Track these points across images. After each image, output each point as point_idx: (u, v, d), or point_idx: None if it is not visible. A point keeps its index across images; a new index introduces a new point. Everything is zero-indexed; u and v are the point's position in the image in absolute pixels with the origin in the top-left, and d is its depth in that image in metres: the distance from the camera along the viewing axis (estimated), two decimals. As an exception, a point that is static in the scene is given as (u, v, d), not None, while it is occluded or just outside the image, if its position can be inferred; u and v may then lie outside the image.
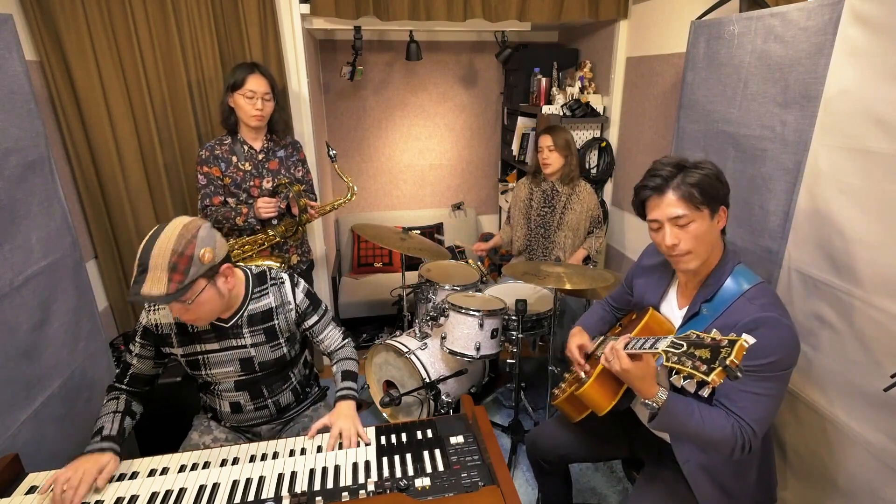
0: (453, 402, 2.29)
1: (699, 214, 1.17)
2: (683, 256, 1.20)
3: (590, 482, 2.11)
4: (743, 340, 0.92)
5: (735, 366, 0.89)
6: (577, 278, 2.01)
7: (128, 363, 1.39)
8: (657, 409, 1.14)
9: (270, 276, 1.41)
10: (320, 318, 1.49)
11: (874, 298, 1.25)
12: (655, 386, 1.15)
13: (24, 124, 1.49)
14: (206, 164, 2.02)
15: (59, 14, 2.00)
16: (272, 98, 2.01)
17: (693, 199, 1.15)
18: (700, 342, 0.98)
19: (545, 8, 2.53)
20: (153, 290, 1.10)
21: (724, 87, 1.73)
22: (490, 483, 1.11)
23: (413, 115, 3.63)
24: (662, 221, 1.19)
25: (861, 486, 1.34)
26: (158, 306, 1.35)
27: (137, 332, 1.37)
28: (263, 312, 1.38)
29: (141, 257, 1.12)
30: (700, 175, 1.16)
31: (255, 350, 1.38)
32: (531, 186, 2.64)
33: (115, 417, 1.30)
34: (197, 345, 1.36)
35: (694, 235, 1.17)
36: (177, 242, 1.13)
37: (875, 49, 1.22)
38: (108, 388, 1.39)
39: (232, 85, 1.95)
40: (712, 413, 1.15)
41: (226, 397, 1.44)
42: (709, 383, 0.90)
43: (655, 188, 1.19)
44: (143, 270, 1.11)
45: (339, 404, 1.37)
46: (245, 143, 2.06)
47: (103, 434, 1.24)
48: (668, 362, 0.99)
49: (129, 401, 1.36)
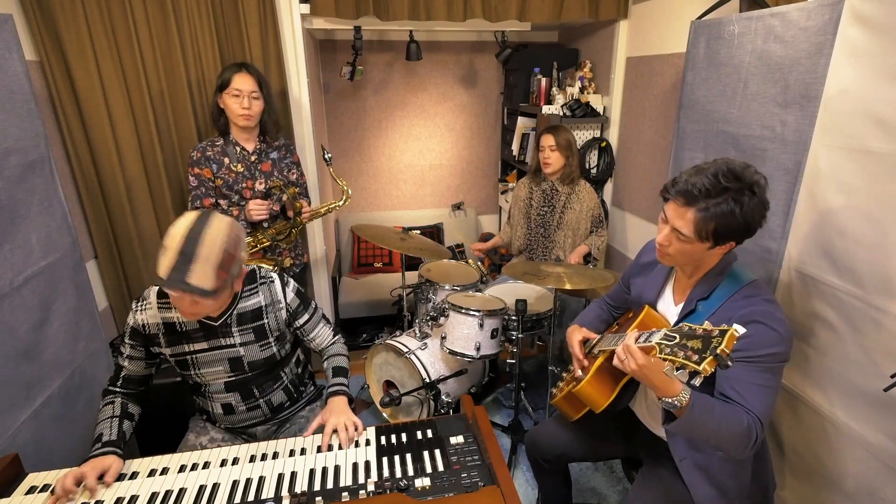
0: (453, 402, 2.29)
1: (699, 243, 1.16)
2: (664, 256, 1.25)
3: (590, 482, 2.11)
4: (734, 330, 0.93)
5: (725, 354, 0.90)
6: (577, 278, 2.01)
7: (119, 365, 1.38)
8: (679, 409, 1.08)
9: (260, 275, 1.41)
10: (311, 316, 1.49)
11: (874, 298, 1.25)
12: (678, 383, 1.08)
13: (24, 124, 1.49)
14: (198, 165, 2.00)
15: (59, 14, 2.00)
16: (260, 96, 1.99)
17: (703, 231, 1.12)
18: (692, 333, 0.99)
19: (545, 8, 2.53)
20: (201, 283, 1.11)
21: (724, 87, 1.73)
22: (490, 483, 1.11)
23: (413, 115, 3.63)
24: (669, 220, 1.20)
25: (861, 486, 1.34)
26: (146, 306, 1.33)
27: (126, 333, 1.36)
28: (253, 311, 1.37)
29: (185, 245, 1.10)
30: (731, 213, 1.08)
31: (244, 349, 1.37)
32: (531, 186, 2.64)
33: (113, 423, 1.29)
34: (185, 344, 1.35)
35: (683, 251, 1.20)
36: (228, 241, 1.15)
37: (875, 49, 1.22)
38: (102, 392, 1.39)
39: (220, 85, 1.94)
40: (727, 408, 1.12)
41: (217, 399, 1.43)
42: (700, 373, 0.91)
43: (684, 196, 1.13)
44: (189, 260, 1.10)
45: (331, 401, 1.37)
46: (237, 145, 2.05)
47: (103, 440, 1.24)
48: (661, 354, 0.99)
49: (125, 403, 1.36)
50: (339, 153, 3.63)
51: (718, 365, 0.90)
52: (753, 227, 1.13)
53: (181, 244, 1.11)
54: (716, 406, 1.13)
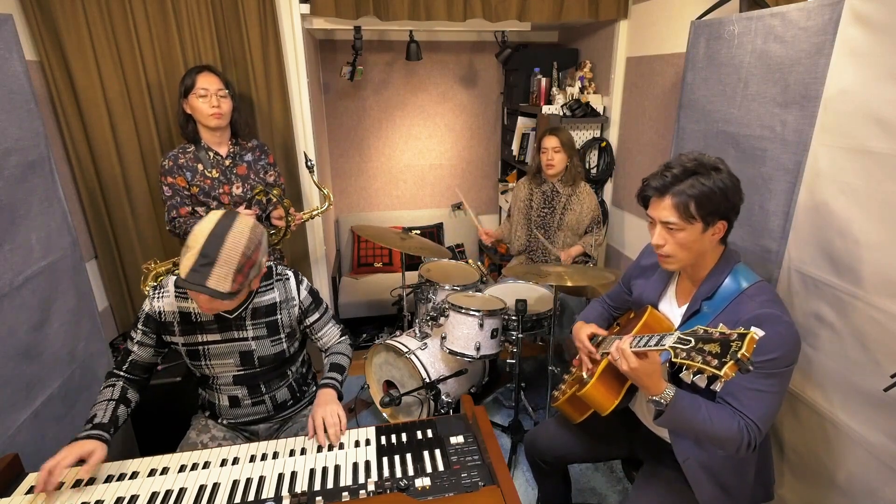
0: (453, 402, 2.29)
1: (689, 225, 1.17)
2: (666, 258, 1.25)
3: (590, 482, 2.11)
4: (753, 333, 0.92)
5: (746, 359, 0.89)
6: (577, 276, 2.01)
7: (128, 350, 1.40)
8: (664, 406, 1.14)
9: (276, 272, 1.43)
10: (321, 315, 1.52)
11: (874, 298, 1.25)
12: (663, 382, 1.15)
13: (24, 124, 1.48)
14: (170, 174, 1.93)
15: (59, 14, 1.99)
16: (227, 95, 1.95)
17: (686, 211, 1.16)
18: (708, 337, 0.97)
19: (545, 8, 2.53)
20: (219, 286, 1.13)
21: (724, 87, 1.73)
22: (490, 483, 1.11)
23: (413, 115, 3.63)
24: (655, 220, 1.22)
25: (861, 485, 1.34)
26: (164, 294, 1.36)
27: (140, 318, 1.38)
28: (268, 307, 1.40)
29: (207, 247, 1.13)
30: (705, 187, 1.14)
31: (255, 343, 1.40)
32: (531, 187, 2.64)
33: (109, 405, 1.30)
34: (199, 335, 1.37)
35: (679, 242, 1.20)
36: (247, 245, 1.17)
37: (875, 49, 1.22)
38: (106, 374, 1.40)
39: (184, 90, 1.90)
40: (718, 410, 1.15)
41: (224, 391, 1.45)
42: (721, 377, 0.90)
43: (657, 189, 1.20)
44: (210, 263, 1.12)
45: (320, 393, 1.39)
46: (210, 150, 1.99)
47: (94, 422, 1.24)
48: (677, 358, 0.99)
49: (126, 388, 1.37)
50: (338, 153, 3.63)
51: (739, 370, 0.89)
52: (733, 199, 1.17)
53: (203, 246, 1.13)
54: (704, 406, 1.15)
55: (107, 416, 1.27)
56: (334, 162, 3.64)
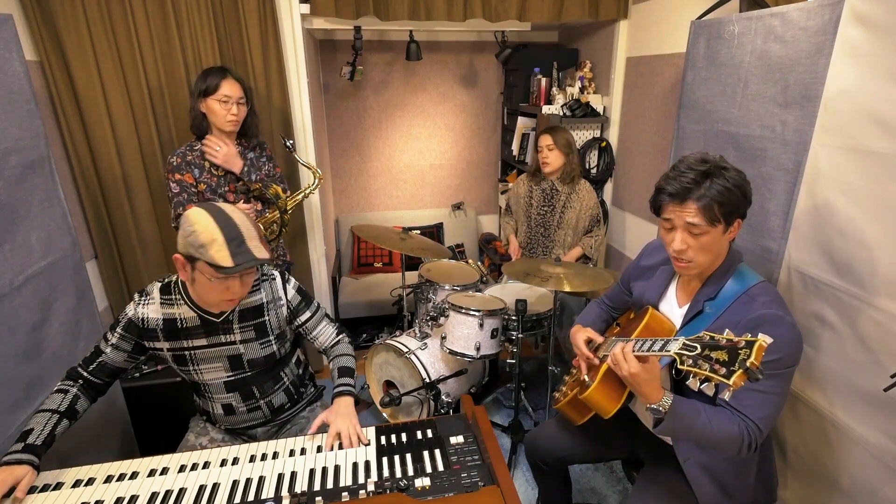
0: (453, 402, 2.29)
1: (713, 228, 1.15)
2: (687, 263, 1.21)
3: (590, 482, 2.11)
4: (762, 340, 0.89)
5: (756, 367, 0.86)
6: (576, 280, 2.01)
7: (100, 350, 1.34)
8: (663, 414, 1.12)
9: (262, 272, 1.40)
10: (313, 314, 1.48)
11: (874, 298, 1.25)
12: (661, 390, 1.14)
13: (24, 124, 1.49)
14: (178, 171, 1.95)
15: (59, 14, 2.00)
16: (245, 102, 1.98)
17: (711, 213, 1.13)
18: (715, 344, 0.94)
19: (545, 8, 2.53)
20: (262, 255, 1.19)
21: (724, 87, 1.73)
22: (490, 483, 1.11)
23: (413, 115, 3.63)
24: (676, 225, 1.18)
25: (861, 485, 1.34)
26: (149, 301, 1.32)
27: (120, 322, 1.33)
28: (254, 308, 1.37)
29: (227, 232, 1.15)
30: (724, 187, 1.12)
31: (244, 347, 1.37)
32: (531, 185, 2.64)
33: (51, 420, 1.23)
34: (184, 340, 1.34)
35: (703, 246, 1.17)
36: (250, 220, 1.22)
37: (875, 49, 1.22)
38: (67, 371, 1.35)
39: (204, 90, 1.90)
40: (718, 414, 1.14)
41: (217, 399, 1.43)
42: (730, 386, 0.87)
43: (675, 195, 1.15)
44: (241, 241, 1.16)
45: (337, 401, 1.37)
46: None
47: (27, 441, 1.17)
48: (684, 366, 0.96)
49: (78, 396, 1.31)
50: (338, 153, 3.63)
51: (749, 378, 0.86)
52: (747, 193, 1.17)
53: (223, 232, 1.15)
54: (703, 410, 1.13)
55: (42, 437, 1.19)
56: (334, 162, 3.64)
